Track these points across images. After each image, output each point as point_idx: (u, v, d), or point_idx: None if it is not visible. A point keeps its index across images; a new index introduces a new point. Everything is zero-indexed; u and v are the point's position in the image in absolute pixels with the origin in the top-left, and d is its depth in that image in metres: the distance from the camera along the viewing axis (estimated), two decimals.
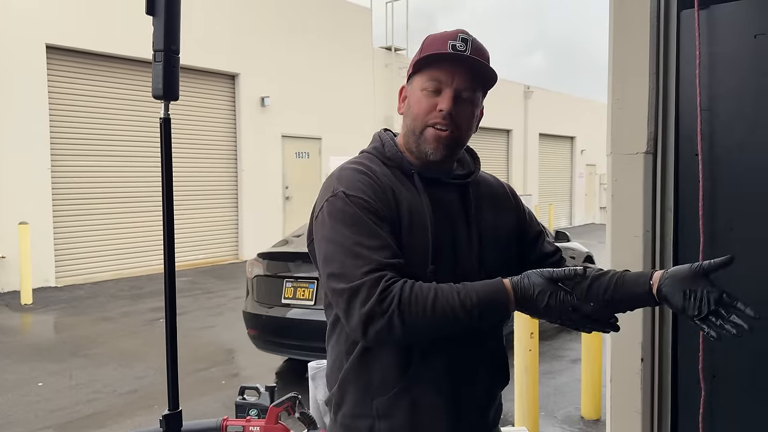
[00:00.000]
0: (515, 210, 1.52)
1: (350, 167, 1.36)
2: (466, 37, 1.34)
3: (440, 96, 1.32)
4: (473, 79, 1.34)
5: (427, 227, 1.31)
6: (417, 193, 1.35)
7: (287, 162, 13.84)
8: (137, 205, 11.01)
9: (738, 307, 1.22)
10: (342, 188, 1.30)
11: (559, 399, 4.88)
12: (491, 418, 1.46)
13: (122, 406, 4.74)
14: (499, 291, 1.20)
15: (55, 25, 9.80)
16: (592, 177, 26.03)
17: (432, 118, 1.33)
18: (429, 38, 1.39)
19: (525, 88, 22.51)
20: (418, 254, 1.30)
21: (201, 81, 12.07)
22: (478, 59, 1.33)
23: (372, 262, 1.21)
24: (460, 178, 1.43)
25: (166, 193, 1.44)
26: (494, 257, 1.41)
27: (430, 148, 1.34)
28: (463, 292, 1.20)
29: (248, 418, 2.33)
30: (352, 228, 1.25)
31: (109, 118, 10.67)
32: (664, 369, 1.85)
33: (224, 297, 9.04)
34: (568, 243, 7.24)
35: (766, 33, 1.64)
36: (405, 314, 1.18)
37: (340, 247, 1.25)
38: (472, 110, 1.37)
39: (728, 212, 1.69)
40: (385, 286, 1.19)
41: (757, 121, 1.64)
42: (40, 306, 8.43)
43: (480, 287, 1.21)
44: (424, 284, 1.21)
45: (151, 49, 1.46)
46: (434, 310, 1.18)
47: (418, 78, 1.36)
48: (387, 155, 1.39)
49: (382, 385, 1.33)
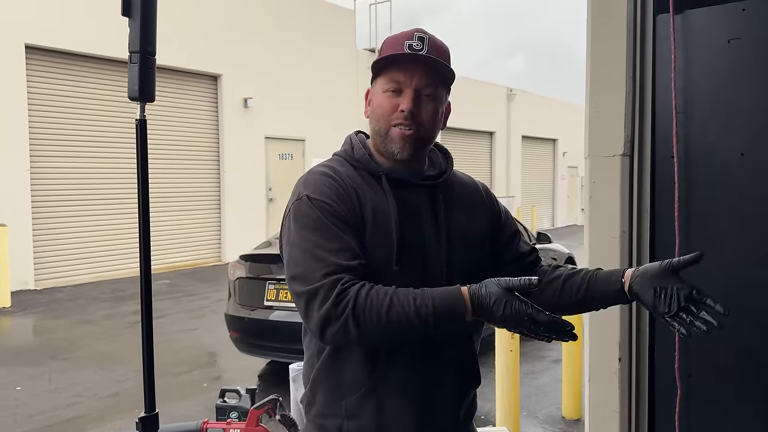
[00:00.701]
0: (489, 209, 1.52)
1: (317, 171, 1.38)
2: (422, 35, 1.35)
3: (401, 96, 1.34)
4: (432, 77, 1.35)
5: (391, 228, 1.32)
6: (383, 195, 1.36)
7: (270, 163, 13.80)
8: (118, 206, 10.91)
9: (708, 303, 1.24)
10: (306, 192, 1.32)
11: (541, 399, 4.92)
12: (462, 417, 1.46)
13: (103, 410, 4.69)
14: (456, 299, 1.19)
15: (34, 25, 9.68)
16: (574, 179, 26.25)
17: (395, 119, 1.34)
18: (387, 40, 1.40)
19: (508, 90, 22.65)
20: (383, 255, 1.31)
21: (183, 82, 11.99)
22: (435, 58, 1.34)
23: (330, 265, 1.23)
24: (432, 179, 1.43)
25: (142, 195, 1.44)
26: (464, 258, 1.41)
27: (396, 147, 1.35)
28: (419, 298, 1.20)
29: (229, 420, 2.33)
30: (315, 232, 1.28)
31: (89, 119, 10.56)
32: (641, 368, 1.87)
33: (206, 299, 8.99)
34: (549, 244, 7.29)
35: (740, 38, 1.67)
36: (359, 318, 1.19)
37: (302, 250, 1.28)
38: (435, 107, 1.38)
39: (702, 213, 1.72)
40: (342, 289, 1.20)
41: (730, 123, 1.67)
42: (18, 309, 8.32)
43: (438, 294, 1.20)
44: (382, 288, 1.21)
45: (127, 50, 1.46)
46: (389, 315, 1.19)
47: (380, 80, 1.38)
48: (355, 157, 1.41)
49: (351, 386, 1.34)
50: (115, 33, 10.01)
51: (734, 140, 1.67)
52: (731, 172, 1.68)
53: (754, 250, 1.65)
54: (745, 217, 1.66)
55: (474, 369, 1.47)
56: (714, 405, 1.74)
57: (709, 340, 1.71)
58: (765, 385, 1.64)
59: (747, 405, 1.67)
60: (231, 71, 12.77)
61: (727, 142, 1.68)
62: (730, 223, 1.68)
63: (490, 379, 5.21)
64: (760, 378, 1.65)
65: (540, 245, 7.04)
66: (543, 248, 7.10)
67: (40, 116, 9.90)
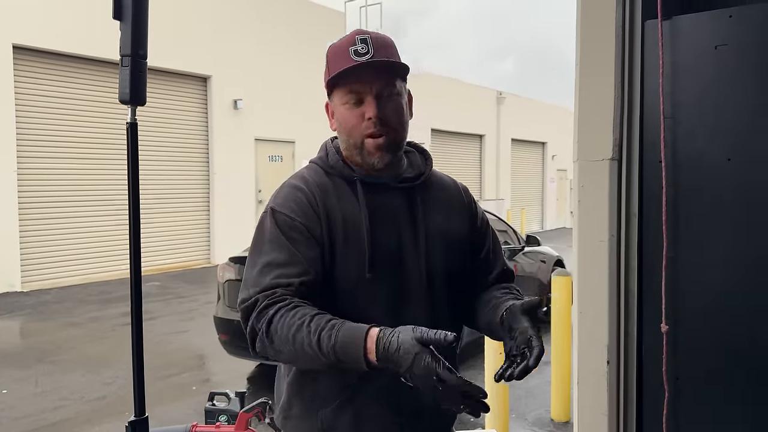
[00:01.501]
0: (469, 212, 1.51)
1: (288, 183, 1.39)
2: (364, 36, 1.33)
3: (364, 105, 1.32)
4: (387, 76, 1.34)
5: (363, 236, 1.31)
6: (356, 202, 1.35)
7: (260, 165, 13.77)
8: (106, 208, 10.84)
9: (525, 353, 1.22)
10: (273, 205, 1.35)
11: (530, 401, 4.93)
12: (443, 423, 1.47)
13: (90, 413, 4.66)
14: (357, 340, 1.13)
15: (22, 25, 9.61)
16: (563, 182, 26.38)
17: (365, 129, 1.33)
18: (330, 50, 1.37)
19: (497, 93, 22.74)
20: (355, 264, 1.31)
21: (172, 83, 11.94)
22: (384, 59, 1.32)
23: (271, 280, 1.25)
24: (410, 181, 1.42)
25: (133, 198, 1.44)
26: (444, 261, 1.40)
27: (375, 159, 1.34)
28: (326, 330, 1.16)
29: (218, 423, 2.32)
30: (269, 245, 1.30)
31: (77, 121, 10.50)
32: (629, 371, 1.88)
33: (195, 302, 8.95)
34: (539, 247, 7.32)
35: (727, 44, 1.69)
36: (272, 337, 1.20)
37: (252, 262, 1.31)
38: (399, 103, 1.37)
39: (690, 216, 1.74)
40: (267, 305, 1.22)
41: (717, 129, 1.69)
42: (5, 311, 8.24)
43: (345, 330, 1.16)
44: (300, 311, 1.19)
45: (118, 53, 1.45)
46: (294, 340, 1.18)
47: (337, 93, 1.36)
48: (330, 164, 1.40)
49: (327, 397, 1.33)
50: (104, 34, 9.97)
51: (721, 145, 1.69)
52: (718, 176, 1.70)
53: (741, 253, 1.66)
54: (732, 220, 1.68)
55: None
56: (702, 407, 1.75)
57: (697, 342, 1.73)
58: (753, 387, 1.66)
59: (735, 407, 1.69)
60: (220, 73, 12.74)
61: (714, 147, 1.70)
62: (718, 227, 1.70)
63: (479, 382, 5.22)
64: (748, 380, 1.66)
65: (529, 248, 7.07)
66: (532, 251, 7.13)
67: (27, 117, 9.83)
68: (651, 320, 1.80)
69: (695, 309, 1.73)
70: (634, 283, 1.85)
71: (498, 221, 7.19)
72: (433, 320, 1.37)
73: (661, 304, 1.75)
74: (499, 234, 6.94)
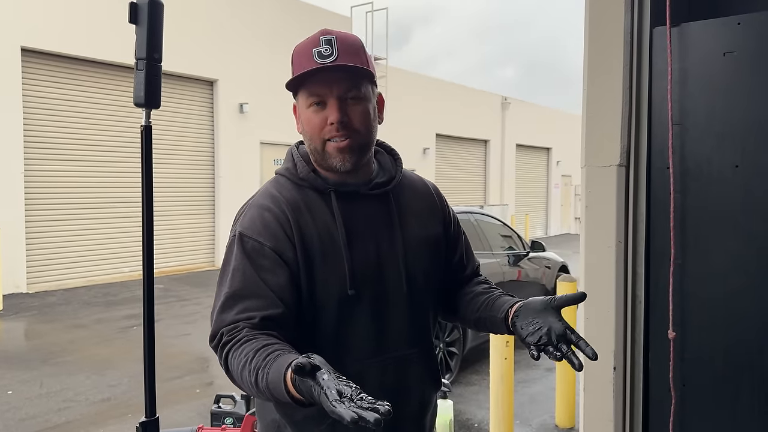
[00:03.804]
0: (442, 215, 1.50)
1: (255, 203, 1.34)
2: (329, 38, 1.28)
3: (327, 108, 1.28)
4: (352, 79, 1.29)
5: (341, 253, 1.29)
6: (331, 215, 1.31)
7: (265, 169, 13.79)
8: (112, 211, 10.88)
9: (580, 345, 1.21)
10: (240, 229, 1.30)
11: (534, 407, 4.92)
12: (427, 426, 1.47)
13: (94, 415, 4.67)
14: (279, 381, 1.06)
15: (30, 28, 9.67)
16: (568, 188, 26.34)
17: (327, 133, 1.29)
18: (295, 51, 1.33)
19: (502, 99, 22.74)
20: (337, 281, 1.28)
21: (179, 87, 11.99)
22: (347, 64, 1.27)
23: (231, 316, 1.22)
24: (382, 186, 1.39)
25: (146, 200, 1.44)
26: (422, 265, 1.40)
27: (336, 162, 1.30)
28: (260, 369, 1.10)
29: (224, 426, 2.33)
30: (233, 273, 1.26)
31: (83, 123, 10.55)
32: (636, 377, 1.88)
33: (199, 305, 8.96)
34: (543, 253, 7.31)
35: (735, 51, 1.69)
36: (231, 374, 1.20)
37: (218, 292, 1.28)
38: (365, 107, 1.31)
39: (697, 223, 1.74)
40: (227, 341, 1.20)
41: (725, 135, 1.69)
42: (10, 312, 8.27)
43: (271, 371, 1.08)
44: (245, 347, 1.15)
45: (134, 57, 1.46)
46: (242, 378, 1.16)
47: (301, 96, 1.32)
48: (300, 176, 1.35)
49: (317, 417, 1.27)
50: (111, 37, 10.03)
51: (729, 152, 1.70)
52: (726, 183, 1.70)
53: (749, 260, 1.66)
54: (740, 227, 1.68)
55: (435, 374, 1.46)
56: (709, 414, 1.75)
57: (704, 349, 1.73)
58: (759, 395, 1.66)
59: (742, 414, 1.69)
60: (227, 77, 12.79)
61: (722, 154, 1.70)
62: (725, 234, 1.70)
63: (484, 387, 5.22)
64: (754, 387, 1.66)
65: (534, 253, 7.06)
66: (537, 256, 7.12)
67: (35, 119, 9.88)
68: (658, 327, 1.80)
69: (702, 315, 1.73)
70: (641, 290, 1.85)
71: (503, 226, 7.18)
72: (414, 322, 1.39)
73: (669, 311, 1.75)
74: (504, 239, 6.96)
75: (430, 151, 18.69)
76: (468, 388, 5.31)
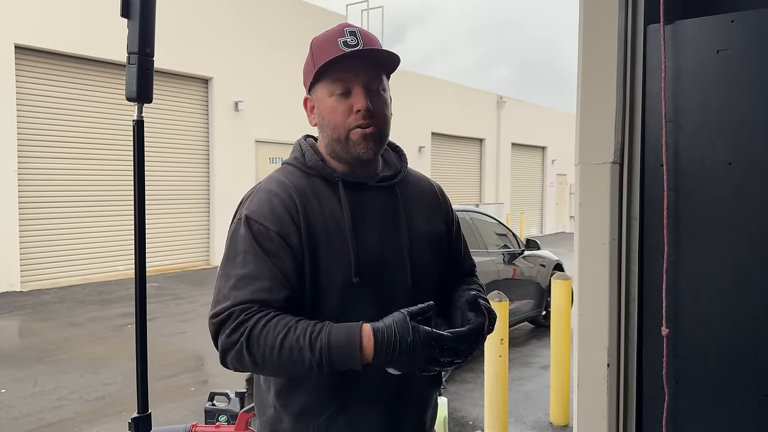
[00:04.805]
0: (445, 215, 1.51)
1: (264, 189, 1.34)
2: (353, 29, 1.32)
3: (352, 96, 1.30)
4: (376, 69, 1.33)
5: (347, 239, 1.29)
6: (338, 203, 1.31)
7: (261, 167, 13.78)
8: (106, 209, 10.85)
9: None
10: (246, 212, 1.29)
11: (529, 405, 4.93)
12: (428, 424, 1.47)
13: (88, 414, 4.66)
14: (352, 339, 1.15)
15: (24, 25, 9.63)
16: (563, 186, 26.40)
17: (353, 121, 1.30)
18: (316, 42, 1.35)
19: (498, 97, 22.76)
20: (342, 268, 1.28)
21: (173, 84, 11.96)
22: (377, 49, 1.30)
23: (243, 294, 1.21)
24: (387, 179, 1.40)
25: (138, 195, 1.44)
26: (426, 259, 1.40)
27: (361, 149, 1.31)
28: (315, 333, 1.16)
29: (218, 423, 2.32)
30: (243, 255, 1.25)
31: (78, 121, 10.52)
32: (629, 374, 1.88)
33: (194, 303, 8.95)
34: (538, 251, 7.32)
35: (728, 48, 1.70)
36: (252, 348, 1.17)
37: (224, 273, 1.26)
38: (386, 99, 1.35)
39: (691, 220, 1.74)
40: (244, 319, 1.18)
41: (718, 133, 1.70)
42: (4, 311, 8.24)
43: (336, 330, 1.16)
44: (283, 319, 1.18)
45: (126, 51, 1.45)
46: (282, 347, 1.15)
47: (323, 85, 1.33)
48: (308, 165, 1.36)
49: (318, 409, 1.30)
50: (105, 34, 9.99)
51: (722, 149, 1.70)
52: (719, 180, 1.70)
53: (742, 256, 1.67)
54: (733, 224, 1.68)
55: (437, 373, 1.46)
56: (702, 410, 1.76)
57: (697, 346, 1.73)
58: (752, 391, 1.66)
59: (735, 410, 1.69)
60: (222, 74, 12.76)
61: (715, 151, 1.71)
62: (718, 231, 1.70)
63: (479, 385, 5.22)
64: (748, 384, 1.67)
65: (529, 252, 7.07)
66: (532, 255, 7.13)
67: (28, 117, 9.84)
68: (651, 323, 1.80)
69: (695, 312, 1.74)
70: (635, 286, 1.85)
71: (498, 225, 7.19)
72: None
73: (662, 308, 1.75)
74: (499, 238, 6.97)
75: (425, 149, 18.70)
76: (463, 386, 5.31)
